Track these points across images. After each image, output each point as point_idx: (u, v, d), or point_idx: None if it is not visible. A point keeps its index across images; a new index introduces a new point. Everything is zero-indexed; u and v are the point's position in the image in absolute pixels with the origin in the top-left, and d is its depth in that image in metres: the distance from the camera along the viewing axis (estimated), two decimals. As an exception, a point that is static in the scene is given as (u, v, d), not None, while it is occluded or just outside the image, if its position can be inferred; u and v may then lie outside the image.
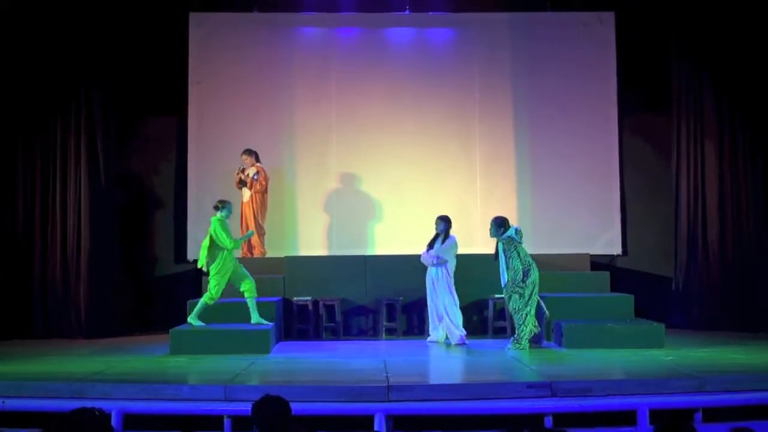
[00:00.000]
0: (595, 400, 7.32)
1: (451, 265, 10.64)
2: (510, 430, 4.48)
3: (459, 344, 10.44)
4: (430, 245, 10.74)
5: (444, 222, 10.75)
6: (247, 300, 10.43)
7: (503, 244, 9.97)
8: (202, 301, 10.35)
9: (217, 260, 10.32)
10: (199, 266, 10.50)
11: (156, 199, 13.28)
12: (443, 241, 10.63)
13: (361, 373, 8.63)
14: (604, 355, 9.37)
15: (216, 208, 10.48)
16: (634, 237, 13.20)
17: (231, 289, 11.48)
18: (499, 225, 10.10)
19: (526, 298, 9.82)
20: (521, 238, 10.01)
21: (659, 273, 12.99)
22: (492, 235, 10.15)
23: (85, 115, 12.09)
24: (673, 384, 7.67)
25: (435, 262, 10.60)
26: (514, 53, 13.22)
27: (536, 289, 9.93)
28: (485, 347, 10.38)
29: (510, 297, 9.94)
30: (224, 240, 10.26)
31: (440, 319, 10.66)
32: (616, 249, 13.12)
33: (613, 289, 11.97)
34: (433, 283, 10.66)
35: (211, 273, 10.34)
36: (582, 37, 13.17)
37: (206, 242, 10.40)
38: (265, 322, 10.38)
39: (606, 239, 13.09)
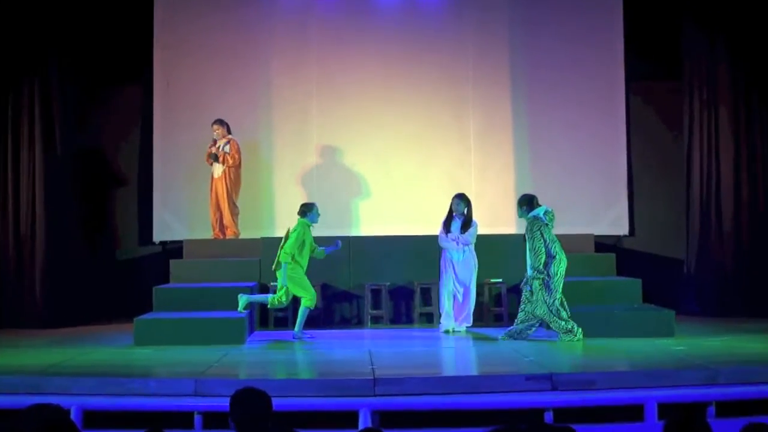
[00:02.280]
0: (599, 394, 7.36)
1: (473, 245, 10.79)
2: (507, 427, 4.49)
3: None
4: (447, 226, 10.75)
5: (466, 203, 10.80)
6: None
7: (527, 223, 9.91)
8: (301, 308, 10.33)
9: (288, 268, 10.26)
10: (273, 269, 10.45)
11: (119, 176, 13.23)
12: (464, 224, 10.67)
13: (344, 365, 8.64)
14: (609, 345, 9.42)
15: (302, 213, 10.47)
16: (643, 215, 13.24)
17: (203, 273, 11.60)
18: (524, 203, 10.02)
19: (552, 289, 9.68)
20: (550, 220, 9.88)
21: (669, 255, 13.06)
22: (519, 215, 10.12)
23: (39, 86, 12.02)
24: (684, 375, 7.73)
25: (462, 246, 10.65)
26: (512, 14, 13.19)
27: (561, 283, 9.77)
28: (481, 335, 10.44)
29: (532, 286, 9.76)
30: (289, 246, 10.19)
31: (463, 302, 10.69)
32: (623, 228, 13.15)
33: (619, 273, 11.99)
34: (452, 265, 10.68)
35: (279, 281, 10.29)
36: (585, -2, 13.23)
37: (283, 241, 10.36)
38: (309, 336, 10.31)
39: (612, 218, 13.12)
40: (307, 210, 10.45)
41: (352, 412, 7.01)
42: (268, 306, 10.57)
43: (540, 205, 9.98)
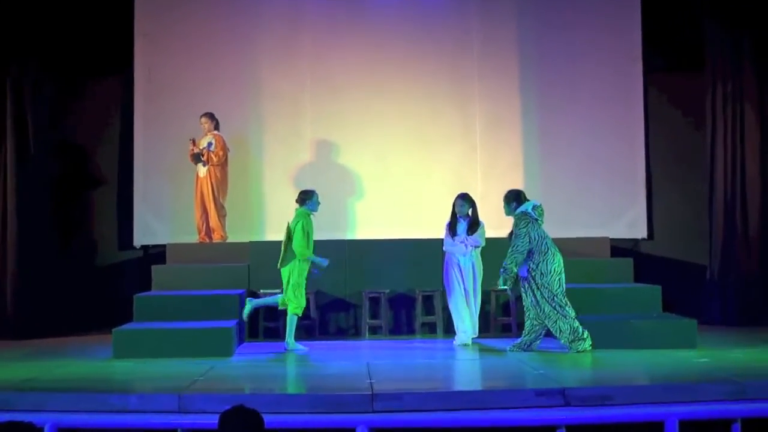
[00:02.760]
0: (616, 410, 7.34)
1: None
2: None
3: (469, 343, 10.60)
4: (452, 229, 10.73)
5: (470, 204, 10.78)
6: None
7: (515, 219, 9.95)
8: (289, 315, 10.31)
9: (292, 261, 10.22)
10: (279, 266, 10.39)
11: (96, 175, 13.22)
12: (471, 226, 10.66)
13: (339, 379, 8.63)
14: (627, 357, 9.41)
15: (300, 200, 10.41)
16: (662, 217, 13.23)
17: (188, 279, 11.61)
18: (511, 199, 10.07)
19: (548, 286, 9.68)
20: (540, 215, 9.94)
21: (691, 260, 13.05)
22: (506, 213, 10.13)
23: (10, 79, 12.02)
24: (707, 390, 7.70)
25: (470, 249, 10.64)
26: (520, 1, 13.22)
27: (563, 279, 9.81)
28: (487, 347, 10.46)
29: (504, 284, 9.89)
30: (298, 243, 10.14)
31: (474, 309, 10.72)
32: (641, 231, 13.15)
33: (636, 279, 12.00)
34: (461, 273, 10.66)
35: (285, 280, 10.28)
36: (599, -17, 13.24)
37: (286, 236, 10.30)
38: (302, 347, 10.32)
39: (629, 220, 13.13)
40: (306, 197, 10.38)
41: (349, 429, 6.96)
42: (279, 307, 10.48)
43: (527, 200, 10.00)
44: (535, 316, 9.86)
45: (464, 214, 10.73)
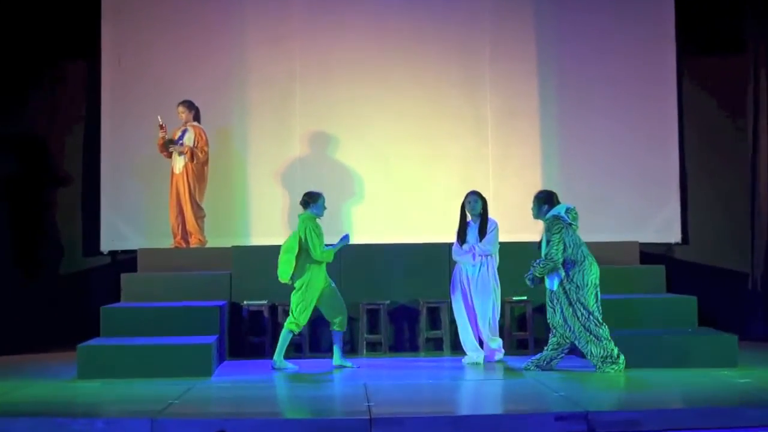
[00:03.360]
0: (646, 437, 7.33)
1: (496, 255, 10.68)
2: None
3: (496, 360, 10.57)
4: (461, 235, 10.69)
5: (481, 200, 10.70)
6: (333, 335, 10.53)
7: (546, 224, 9.93)
8: (284, 330, 10.40)
9: (305, 274, 10.34)
10: (282, 280, 10.46)
11: (59, 173, 13.20)
12: (481, 227, 10.62)
13: (334, 401, 8.62)
14: (658, 377, 9.39)
15: (304, 203, 10.49)
16: (698, 220, 13.24)
17: (162, 289, 11.60)
18: (543, 201, 10.04)
19: (583, 302, 9.65)
20: (574, 219, 9.90)
21: (730, 267, 13.04)
22: (535, 215, 10.12)
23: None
24: (749, 415, 7.66)
25: (480, 257, 10.59)
26: (537, -25, 13.29)
27: (599, 293, 9.76)
28: (501, 365, 10.44)
29: (554, 302, 9.81)
30: (314, 246, 10.25)
31: (474, 328, 10.66)
32: (674, 235, 13.17)
33: (669, 289, 12.01)
34: (468, 283, 10.62)
35: (296, 289, 10.41)
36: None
37: (290, 244, 10.37)
38: (291, 366, 10.37)
39: (660, 222, 13.16)
40: (311, 200, 10.45)
41: (344, 458, 6.98)
42: (294, 332, 10.46)
43: (560, 203, 10.01)
44: (563, 334, 9.84)
45: (476, 213, 10.66)
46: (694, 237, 13.25)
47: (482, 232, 10.61)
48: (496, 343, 10.66)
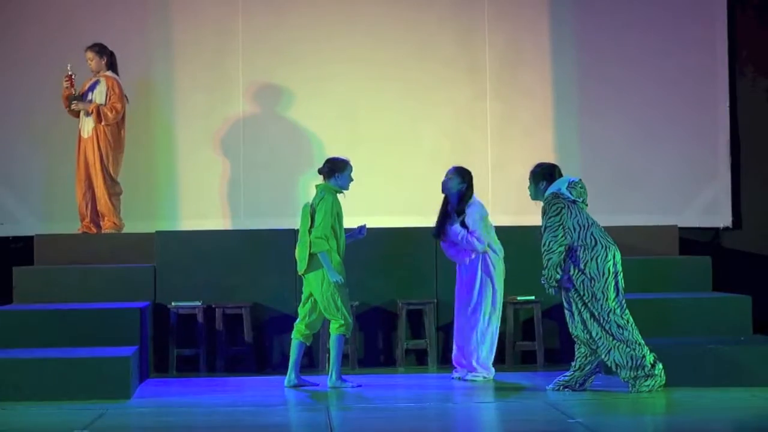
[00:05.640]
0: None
1: (496, 244, 10.59)
2: None
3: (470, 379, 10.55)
4: (440, 224, 10.67)
5: (459, 176, 10.63)
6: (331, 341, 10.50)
7: (544, 204, 9.83)
8: (334, 339, 10.35)
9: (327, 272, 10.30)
10: (300, 272, 10.48)
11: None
12: (460, 209, 10.54)
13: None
14: (702, 397, 9.43)
15: (328, 171, 10.44)
16: (752, 200, 13.39)
17: (65, 287, 11.56)
18: (539, 177, 9.98)
19: (600, 297, 9.57)
20: (580, 195, 9.80)
21: (793, 259, 13.21)
22: (532, 195, 10.06)
23: None
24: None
25: (471, 246, 10.48)
26: None
27: (621, 283, 9.68)
28: (502, 384, 10.39)
29: (569, 303, 9.76)
30: (318, 224, 10.24)
31: (458, 336, 10.71)
32: (723, 219, 13.28)
33: (716, 286, 12.04)
34: (460, 283, 10.70)
35: (310, 292, 10.39)
36: None
37: (303, 222, 10.39)
38: (351, 384, 10.38)
39: (705, 203, 13.30)
40: (335, 168, 10.42)
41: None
42: (301, 340, 10.42)
43: (561, 176, 9.96)
44: (585, 342, 9.76)
45: (451, 194, 10.60)
46: (747, 221, 13.41)
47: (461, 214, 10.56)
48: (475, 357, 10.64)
